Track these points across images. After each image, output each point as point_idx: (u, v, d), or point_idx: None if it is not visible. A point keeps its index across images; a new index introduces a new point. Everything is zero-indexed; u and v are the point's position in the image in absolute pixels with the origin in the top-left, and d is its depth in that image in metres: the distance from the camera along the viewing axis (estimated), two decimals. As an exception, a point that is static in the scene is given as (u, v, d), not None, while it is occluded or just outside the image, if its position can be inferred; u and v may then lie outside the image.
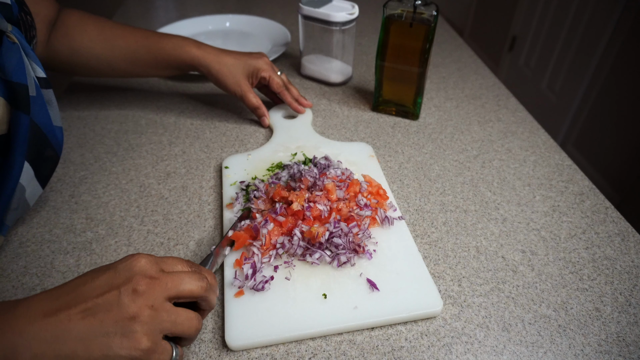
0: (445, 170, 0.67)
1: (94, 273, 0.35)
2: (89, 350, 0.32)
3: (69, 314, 0.32)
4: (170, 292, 0.35)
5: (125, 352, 0.32)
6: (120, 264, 0.36)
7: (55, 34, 0.66)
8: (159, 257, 0.38)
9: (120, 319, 0.33)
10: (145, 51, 0.70)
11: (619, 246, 0.56)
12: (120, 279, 0.34)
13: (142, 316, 0.33)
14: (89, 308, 0.33)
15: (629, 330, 0.46)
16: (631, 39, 1.70)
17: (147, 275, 0.35)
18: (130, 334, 0.32)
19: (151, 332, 0.33)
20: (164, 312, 0.34)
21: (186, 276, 0.37)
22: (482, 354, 0.44)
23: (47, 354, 0.31)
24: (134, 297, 0.33)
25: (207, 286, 0.38)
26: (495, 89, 0.89)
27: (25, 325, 0.31)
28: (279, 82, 0.74)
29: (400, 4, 0.69)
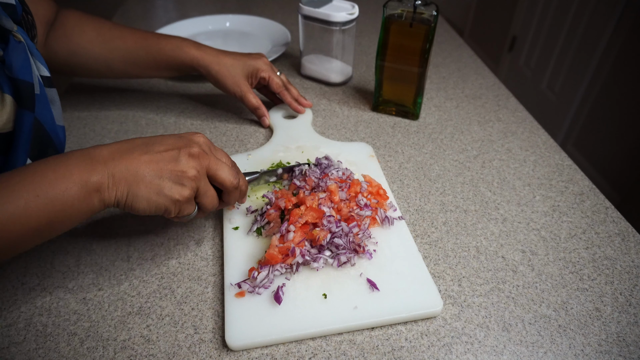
0: (445, 170, 0.67)
1: (163, 135, 0.47)
2: (149, 185, 0.42)
3: (140, 157, 0.43)
4: (211, 170, 0.46)
5: (171, 194, 0.43)
6: (186, 134, 0.47)
7: (54, 34, 0.66)
8: (214, 145, 0.49)
9: (175, 170, 0.43)
10: (144, 52, 0.70)
11: (619, 246, 0.56)
12: (182, 143, 0.45)
13: (189, 174, 0.44)
14: (154, 159, 0.43)
15: (629, 330, 0.46)
16: (631, 39, 1.70)
17: (202, 148, 0.46)
18: (178, 183, 0.43)
19: (191, 187, 0.44)
20: (202, 180, 0.45)
21: (227, 167, 0.47)
22: (482, 354, 0.44)
23: (122, 179, 0.42)
24: (189, 158, 0.44)
25: (236, 184, 0.48)
26: (495, 89, 0.89)
27: (108, 159, 0.42)
28: (278, 82, 0.74)
29: (400, 4, 0.69)
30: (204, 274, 0.51)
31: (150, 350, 0.44)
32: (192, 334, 0.45)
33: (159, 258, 0.53)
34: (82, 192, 0.40)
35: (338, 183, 0.56)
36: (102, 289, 0.50)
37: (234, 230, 0.55)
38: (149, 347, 0.44)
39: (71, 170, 0.40)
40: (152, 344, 0.44)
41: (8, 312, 0.47)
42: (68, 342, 0.45)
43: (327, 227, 0.51)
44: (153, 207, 0.43)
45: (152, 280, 0.51)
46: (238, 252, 0.52)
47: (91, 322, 0.46)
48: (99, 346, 0.44)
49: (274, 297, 0.46)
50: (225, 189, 0.48)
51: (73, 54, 0.68)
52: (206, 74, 0.72)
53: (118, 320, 0.47)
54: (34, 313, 0.47)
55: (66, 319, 0.47)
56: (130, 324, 0.46)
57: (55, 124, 0.53)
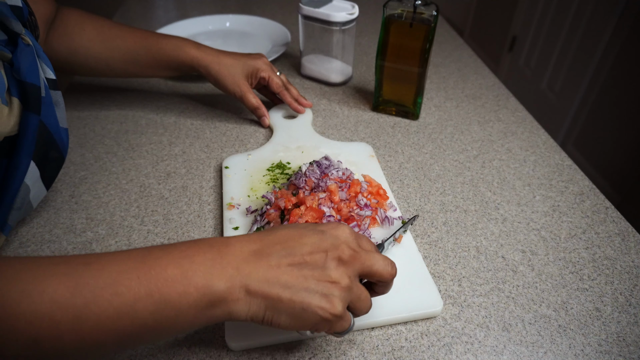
0: (445, 170, 0.67)
1: (302, 230, 0.38)
2: (292, 299, 0.34)
3: (279, 262, 0.35)
4: (365, 269, 0.37)
5: (321, 312, 0.34)
6: (327, 229, 0.38)
7: (54, 33, 0.66)
8: (356, 232, 0.40)
9: (323, 280, 0.35)
10: (144, 52, 0.70)
11: (619, 246, 0.56)
12: (328, 244, 0.36)
13: (342, 283, 0.35)
14: (297, 262, 0.35)
15: (629, 330, 0.46)
16: (631, 39, 1.70)
17: (350, 247, 0.37)
18: (329, 296, 0.35)
19: (344, 299, 0.36)
20: (355, 285, 0.37)
21: (380, 258, 0.38)
22: (482, 354, 0.44)
23: (258, 292, 0.34)
24: (339, 264, 0.36)
25: (394, 273, 0.39)
26: (495, 89, 0.89)
27: (241, 262, 0.34)
28: (278, 82, 0.74)
29: (400, 4, 0.69)
30: (204, 274, 0.51)
31: (150, 351, 0.44)
32: (192, 334, 0.45)
33: (159, 258, 0.53)
34: (202, 301, 0.33)
35: (338, 183, 0.56)
36: (102, 289, 0.50)
37: (234, 230, 0.55)
38: (149, 347, 0.44)
39: (195, 270, 0.33)
40: (152, 344, 0.44)
41: (8, 312, 0.47)
42: (68, 342, 0.45)
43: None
44: (298, 325, 0.35)
45: (152, 280, 0.51)
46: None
47: (91, 322, 0.46)
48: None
49: None
50: (384, 281, 0.39)
51: (73, 53, 0.68)
52: (206, 74, 0.72)
53: (118, 320, 0.47)
54: (34, 313, 0.47)
55: (66, 319, 0.47)
56: (130, 324, 0.46)
57: (59, 127, 0.53)
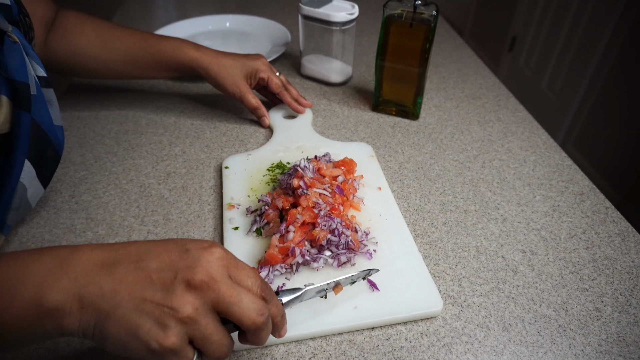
0: (445, 170, 0.67)
1: (166, 245, 0.34)
2: (120, 320, 0.31)
3: (123, 277, 0.31)
4: (221, 305, 0.32)
5: (149, 341, 0.30)
6: (194, 247, 0.34)
7: (53, 35, 0.66)
8: (237, 260, 0.35)
9: (163, 305, 0.31)
10: (144, 53, 0.70)
11: (619, 246, 0.56)
12: (183, 264, 0.32)
13: (181, 313, 0.31)
14: (142, 280, 0.31)
15: (629, 330, 0.46)
16: (631, 38, 1.70)
17: (209, 273, 0.32)
18: (162, 325, 0.31)
19: (180, 332, 0.31)
20: (203, 320, 0.32)
21: (246, 298, 0.33)
22: (482, 354, 0.44)
23: (90, 306, 0.31)
24: (186, 289, 0.31)
25: (262, 322, 0.33)
26: (495, 89, 0.89)
27: (82, 273, 0.31)
28: (277, 82, 0.74)
29: (400, 4, 0.69)
30: (204, 274, 0.51)
31: (150, 350, 0.44)
32: (192, 334, 0.45)
33: (159, 258, 0.53)
34: (28, 315, 0.30)
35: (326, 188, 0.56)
36: (102, 289, 0.50)
37: (234, 230, 0.55)
38: (149, 347, 0.44)
39: (27, 281, 0.31)
40: None
41: (8, 312, 0.47)
42: (68, 342, 0.45)
43: (326, 227, 0.50)
44: (121, 351, 0.31)
45: (152, 280, 0.51)
46: (238, 252, 0.52)
47: (91, 322, 0.46)
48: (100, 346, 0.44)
49: None
50: (244, 328, 0.34)
51: (72, 55, 0.68)
52: (205, 75, 0.72)
53: (118, 320, 0.47)
54: (34, 313, 0.47)
55: (66, 319, 0.47)
56: (130, 324, 0.46)
57: (53, 125, 0.52)
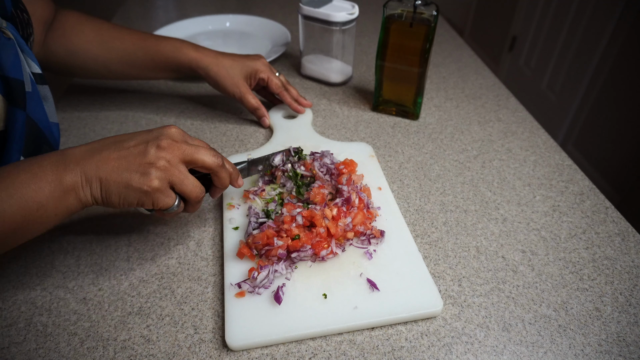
0: (445, 170, 0.67)
1: (133, 133, 0.46)
2: (117, 180, 0.43)
3: (109, 155, 0.43)
4: (186, 156, 0.45)
5: (139, 186, 0.43)
6: (156, 129, 0.47)
7: (52, 34, 0.66)
8: (190, 136, 0.48)
9: (143, 163, 0.43)
10: (143, 53, 0.70)
11: (619, 246, 0.56)
12: (152, 136, 0.45)
13: (158, 164, 0.43)
14: (124, 154, 0.44)
15: (629, 330, 0.46)
16: (631, 39, 1.70)
17: (172, 138, 0.45)
18: (146, 174, 0.43)
19: (162, 178, 0.44)
20: (175, 169, 0.45)
21: (203, 149, 0.46)
22: (482, 354, 0.44)
23: (93, 177, 0.43)
24: (157, 150, 0.44)
25: (220, 162, 0.47)
26: (495, 89, 0.89)
27: (80, 159, 0.43)
28: (277, 82, 0.74)
29: (400, 4, 0.69)
30: (204, 274, 0.51)
31: (150, 350, 0.44)
32: (192, 334, 0.45)
33: (159, 258, 0.53)
34: (56, 192, 0.41)
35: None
36: (102, 289, 0.50)
37: (234, 230, 0.55)
38: (149, 347, 0.44)
39: (44, 171, 0.41)
40: (152, 344, 0.44)
41: (8, 312, 0.47)
42: (68, 342, 0.45)
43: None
44: (125, 201, 0.44)
45: (152, 280, 0.51)
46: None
47: (91, 322, 0.46)
48: (99, 346, 0.44)
49: (274, 297, 0.46)
50: (210, 169, 0.47)
51: (71, 55, 0.68)
52: (205, 76, 0.72)
53: (118, 320, 0.47)
54: (34, 313, 0.47)
55: (66, 318, 0.47)
56: (130, 324, 0.46)
57: (49, 122, 0.52)
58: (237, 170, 0.51)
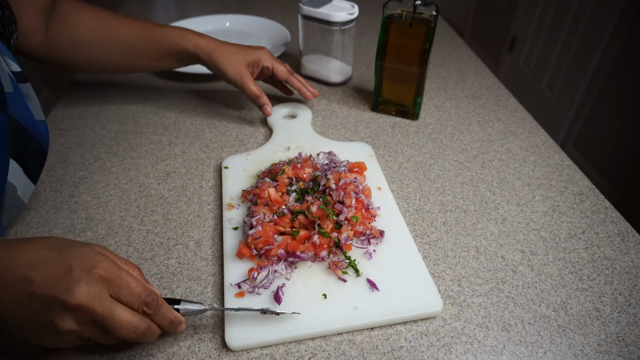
0: (445, 170, 0.67)
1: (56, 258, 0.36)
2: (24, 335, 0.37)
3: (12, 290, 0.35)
4: (96, 322, 0.36)
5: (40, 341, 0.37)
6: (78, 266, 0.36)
7: (53, 24, 0.66)
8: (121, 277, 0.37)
9: (46, 319, 0.35)
10: (146, 40, 0.69)
11: (619, 246, 0.56)
12: (63, 286, 0.35)
13: (63, 328, 0.35)
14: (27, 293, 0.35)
15: (628, 330, 0.46)
16: (631, 39, 1.70)
17: (84, 297, 0.35)
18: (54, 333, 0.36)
19: (72, 338, 0.37)
20: (85, 330, 0.37)
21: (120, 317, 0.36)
22: (482, 354, 0.44)
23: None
24: (62, 310, 0.35)
25: (137, 336, 0.38)
26: (495, 89, 0.89)
27: None
28: (283, 69, 0.74)
29: (400, 4, 0.69)
30: (204, 274, 0.51)
31: (150, 350, 0.44)
32: (192, 334, 0.45)
33: (159, 258, 0.53)
34: None
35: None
36: (101, 289, 0.50)
37: (234, 230, 0.55)
38: (149, 347, 0.44)
39: None
40: (151, 344, 0.44)
41: (8, 312, 0.47)
42: (68, 342, 0.45)
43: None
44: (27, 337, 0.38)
45: (152, 280, 0.51)
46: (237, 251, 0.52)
47: (91, 322, 0.46)
48: (98, 346, 0.44)
49: (274, 297, 0.46)
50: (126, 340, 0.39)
51: (74, 44, 0.67)
52: (208, 61, 0.71)
53: (118, 320, 0.47)
54: (34, 313, 0.47)
55: (66, 318, 0.47)
56: (129, 324, 0.46)
57: (34, 120, 0.51)
58: (173, 324, 0.41)
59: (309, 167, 0.60)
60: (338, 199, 0.54)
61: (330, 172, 0.58)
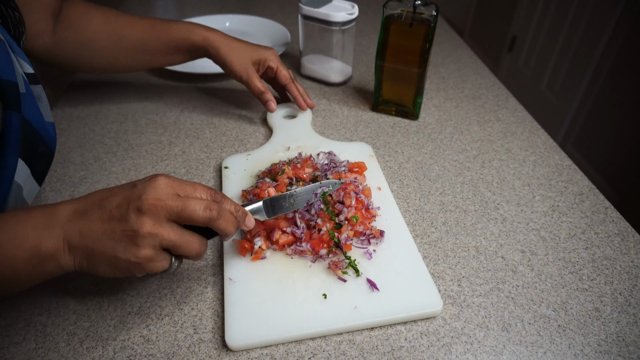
0: (445, 170, 0.67)
1: (117, 187, 0.41)
2: (103, 249, 0.39)
3: (93, 218, 0.39)
4: (172, 215, 0.40)
5: (126, 257, 0.39)
6: (141, 182, 0.41)
7: (61, 25, 0.66)
8: (181, 181, 0.42)
9: (126, 230, 0.38)
10: (155, 38, 0.70)
11: (619, 246, 0.56)
12: (134, 196, 0.39)
13: (142, 231, 0.38)
14: (107, 217, 0.39)
15: (628, 330, 0.46)
16: (630, 39, 1.70)
17: (155, 197, 0.39)
18: (132, 244, 0.39)
19: (150, 245, 0.39)
20: (163, 231, 0.39)
21: (193, 202, 0.40)
22: (482, 354, 0.44)
23: (77, 247, 0.39)
24: (138, 215, 0.38)
25: (214, 215, 0.41)
26: (495, 89, 0.89)
27: (65, 221, 0.39)
28: (286, 74, 0.74)
29: (400, 4, 0.69)
30: (204, 274, 0.51)
31: (149, 350, 0.44)
32: (192, 334, 0.45)
33: (159, 258, 0.53)
34: (34, 259, 0.38)
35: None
36: (101, 289, 0.50)
37: (234, 230, 0.55)
38: (149, 347, 0.44)
39: (26, 232, 0.39)
40: (151, 344, 0.44)
41: (8, 312, 0.47)
42: (67, 341, 0.45)
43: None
44: (114, 273, 0.40)
45: (152, 280, 0.51)
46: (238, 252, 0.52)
47: (90, 322, 0.46)
48: (99, 346, 0.44)
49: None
50: (200, 223, 0.41)
51: (82, 45, 0.67)
52: (215, 55, 0.71)
53: (117, 320, 0.47)
54: (34, 313, 0.47)
55: (65, 318, 0.47)
56: (129, 324, 0.46)
57: (44, 122, 0.52)
58: (243, 212, 0.45)
59: (309, 167, 0.60)
60: (338, 199, 0.54)
61: (330, 172, 0.58)
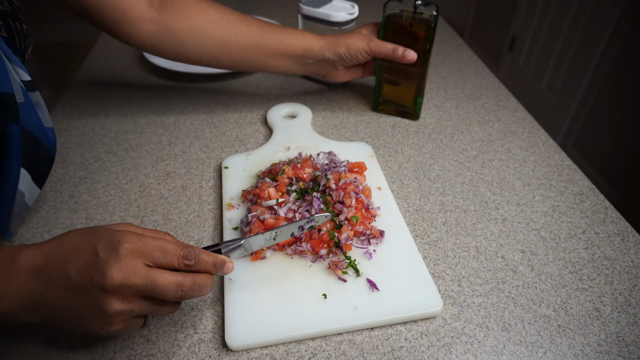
0: (445, 170, 0.67)
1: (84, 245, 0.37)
2: (70, 317, 0.37)
3: (56, 283, 0.36)
4: (140, 292, 0.37)
5: (96, 330, 0.37)
6: (103, 247, 0.36)
7: (172, 12, 0.65)
8: (148, 241, 0.38)
9: (92, 307, 0.36)
10: (270, 37, 0.69)
11: (619, 246, 0.56)
12: (97, 271, 0.35)
13: (110, 311, 0.36)
14: (68, 285, 0.36)
15: (628, 330, 0.46)
16: (630, 39, 1.70)
17: (121, 276, 0.35)
18: (100, 320, 0.37)
19: (120, 320, 0.37)
20: (134, 306, 0.37)
21: (162, 279, 0.37)
22: (482, 354, 0.44)
23: (41, 312, 0.37)
24: (104, 293, 0.35)
25: (184, 294, 0.38)
26: (495, 89, 0.89)
27: (27, 280, 0.36)
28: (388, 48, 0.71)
29: (400, 4, 0.69)
30: (204, 274, 0.51)
31: (150, 350, 0.44)
32: (192, 334, 0.45)
33: (159, 258, 0.53)
34: None
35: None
36: (101, 289, 0.50)
37: (234, 230, 0.55)
38: (149, 347, 0.44)
39: None
40: (151, 344, 0.44)
41: (8, 312, 0.47)
42: (67, 341, 0.45)
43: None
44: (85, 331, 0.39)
45: (152, 280, 0.51)
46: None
47: (91, 322, 0.46)
48: (99, 346, 0.44)
49: None
50: (172, 299, 0.39)
51: (193, 34, 0.67)
52: (333, 57, 0.71)
53: (118, 320, 0.47)
54: (34, 313, 0.47)
55: (66, 318, 0.47)
56: (130, 324, 0.46)
57: (44, 128, 0.51)
58: (220, 262, 0.41)
59: (309, 167, 0.60)
60: (338, 199, 0.54)
61: (330, 172, 0.58)
